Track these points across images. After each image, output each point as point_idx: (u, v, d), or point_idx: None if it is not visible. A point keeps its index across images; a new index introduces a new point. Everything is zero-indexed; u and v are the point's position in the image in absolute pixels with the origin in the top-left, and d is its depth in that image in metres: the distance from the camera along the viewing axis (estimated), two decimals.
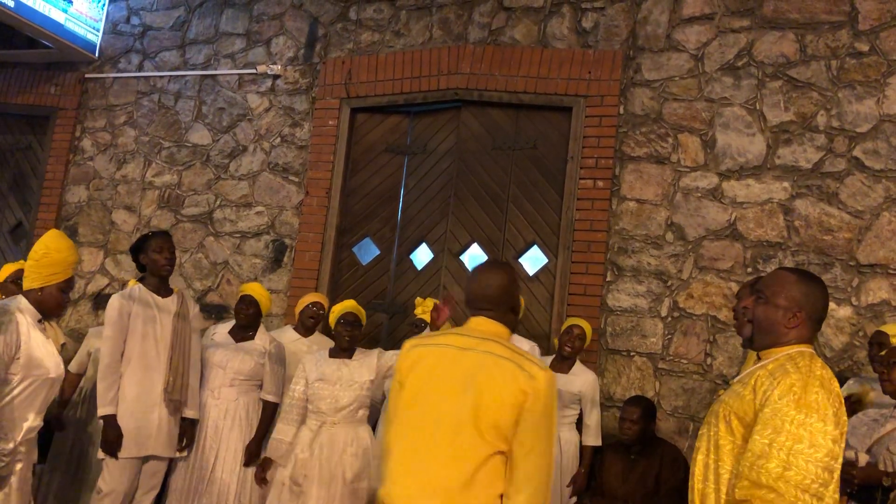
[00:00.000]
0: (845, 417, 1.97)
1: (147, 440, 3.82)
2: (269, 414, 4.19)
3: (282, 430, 3.89)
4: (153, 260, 3.93)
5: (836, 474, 1.91)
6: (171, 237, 4.05)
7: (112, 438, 3.69)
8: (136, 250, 4.01)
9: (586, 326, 4.26)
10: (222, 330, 4.34)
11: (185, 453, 4.03)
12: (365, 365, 3.88)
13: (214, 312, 5.56)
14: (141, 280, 4.03)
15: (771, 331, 2.11)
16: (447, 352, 2.28)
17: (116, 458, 3.70)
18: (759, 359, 2.14)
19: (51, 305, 3.20)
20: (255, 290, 4.34)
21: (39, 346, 3.10)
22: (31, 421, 3.10)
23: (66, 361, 3.83)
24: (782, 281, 2.13)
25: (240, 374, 4.15)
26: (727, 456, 2.03)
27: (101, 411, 3.71)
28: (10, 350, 2.99)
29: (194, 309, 4.14)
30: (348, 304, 4.07)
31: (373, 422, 4.15)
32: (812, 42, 4.43)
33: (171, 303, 3.98)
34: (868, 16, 4.34)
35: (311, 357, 4.01)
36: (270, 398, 4.19)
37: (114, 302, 3.86)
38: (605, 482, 4.06)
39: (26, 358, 3.04)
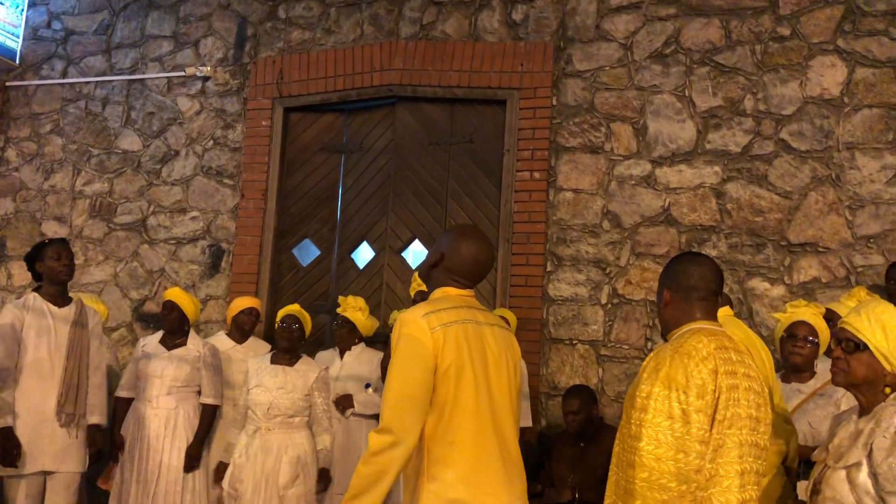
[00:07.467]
0: (715, 387, 1.90)
1: (40, 455, 3.67)
2: (209, 416, 4.14)
3: (236, 436, 3.93)
4: (50, 267, 3.78)
5: (712, 444, 1.87)
6: (68, 244, 3.91)
7: (7, 450, 3.52)
8: (32, 259, 3.85)
9: (510, 317, 4.33)
10: (153, 340, 4.26)
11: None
12: (304, 375, 3.89)
13: (152, 322, 5.42)
14: (37, 290, 3.87)
15: (659, 317, 2.20)
16: (480, 329, 2.15)
17: (16, 467, 3.54)
18: None
19: None
20: (175, 294, 4.27)
21: None
22: None
23: None
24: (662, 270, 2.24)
25: (177, 381, 4.08)
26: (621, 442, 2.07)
27: None
28: None
29: (95, 317, 3.99)
30: (291, 308, 4.08)
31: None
32: (736, 28, 4.51)
33: (68, 312, 3.84)
34: (788, 1, 4.44)
35: (254, 362, 4.00)
36: (210, 401, 4.14)
37: (5, 312, 3.72)
38: (555, 470, 4.07)
39: None
